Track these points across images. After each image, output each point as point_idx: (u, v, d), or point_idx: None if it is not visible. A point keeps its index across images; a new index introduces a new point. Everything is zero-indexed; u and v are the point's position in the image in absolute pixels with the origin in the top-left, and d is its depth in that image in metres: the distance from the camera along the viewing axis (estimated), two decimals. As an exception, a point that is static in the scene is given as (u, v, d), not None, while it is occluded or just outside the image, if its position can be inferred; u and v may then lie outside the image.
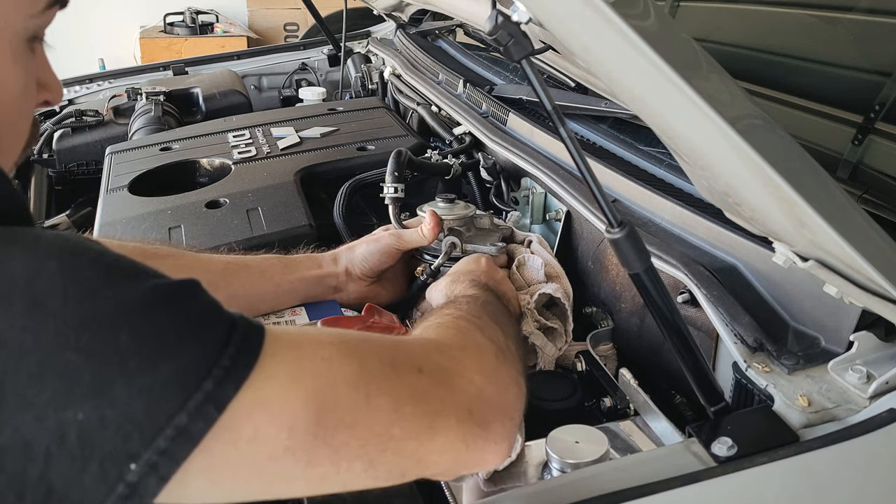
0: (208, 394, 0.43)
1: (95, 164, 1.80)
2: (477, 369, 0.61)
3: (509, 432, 0.60)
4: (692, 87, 0.52)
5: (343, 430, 0.49)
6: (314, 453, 0.48)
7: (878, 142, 1.11)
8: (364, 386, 0.51)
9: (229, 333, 0.46)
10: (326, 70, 2.39)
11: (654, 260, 0.69)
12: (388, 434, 0.51)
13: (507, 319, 0.76)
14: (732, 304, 0.80)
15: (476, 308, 0.75)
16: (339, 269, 1.02)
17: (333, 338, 0.53)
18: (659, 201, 1.01)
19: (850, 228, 0.61)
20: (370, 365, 0.53)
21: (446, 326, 0.68)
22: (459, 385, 0.58)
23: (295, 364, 0.49)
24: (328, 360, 0.50)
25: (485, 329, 0.69)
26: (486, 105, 1.52)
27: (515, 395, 0.64)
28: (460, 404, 0.57)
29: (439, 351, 0.61)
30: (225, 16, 4.74)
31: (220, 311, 0.48)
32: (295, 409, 0.47)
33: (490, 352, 0.66)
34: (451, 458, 0.56)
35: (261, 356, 0.47)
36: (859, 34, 1.27)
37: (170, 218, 1.25)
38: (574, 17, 0.56)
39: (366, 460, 0.51)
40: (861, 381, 0.72)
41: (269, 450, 0.46)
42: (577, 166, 0.66)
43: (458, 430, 0.56)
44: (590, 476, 0.66)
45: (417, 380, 0.55)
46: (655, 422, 0.81)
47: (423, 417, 0.53)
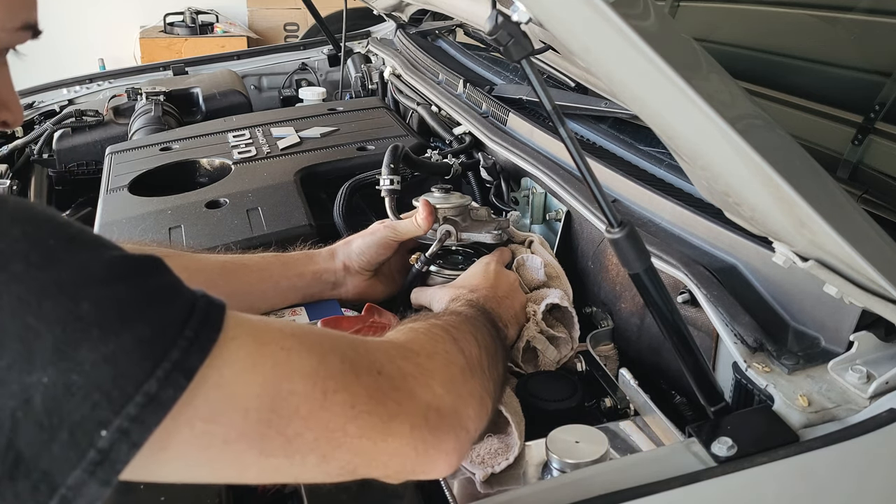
0: (175, 362, 0.44)
1: (95, 164, 1.80)
2: (439, 378, 0.61)
3: (462, 446, 0.61)
4: (692, 87, 0.52)
5: (298, 421, 0.49)
6: (268, 442, 0.48)
7: (878, 142, 1.11)
8: (322, 381, 0.51)
9: (190, 310, 0.46)
10: (326, 70, 2.40)
11: (654, 260, 0.69)
12: (343, 431, 0.51)
13: (490, 338, 0.75)
14: (732, 304, 0.80)
15: (458, 321, 0.74)
16: (337, 265, 1.02)
17: (296, 331, 0.54)
18: (659, 201, 1.01)
19: (850, 228, 0.61)
20: (330, 362, 0.53)
21: (419, 332, 0.68)
22: (418, 392, 0.58)
23: (255, 350, 0.49)
24: (288, 350, 0.51)
25: (459, 341, 0.69)
26: (486, 105, 1.52)
27: (476, 411, 0.64)
28: (416, 410, 0.57)
29: (403, 355, 0.61)
30: (225, 16, 4.74)
31: (180, 289, 0.47)
32: (250, 393, 0.47)
33: (457, 364, 0.66)
34: (400, 461, 0.56)
35: (221, 337, 0.47)
36: (859, 34, 1.27)
37: (170, 218, 1.25)
38: (574, 17, 0.56)
39: (319, 454, 0.51)
40: (861, 381, 0.72)
41: (224, 432, 0.46)
42: (577, 166, 0.66)
43: (410, 436, 0.56)
44: (590, 476, 0.66)
45: (375, 381, 0.55)
46: (655, 422, 0.81)
47: (378, 418, 0.54)
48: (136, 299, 0.44)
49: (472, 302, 0.86)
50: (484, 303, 0.87)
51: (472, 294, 0.90)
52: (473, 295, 0.90)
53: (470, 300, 0.87)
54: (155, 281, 0.47)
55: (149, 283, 0.46)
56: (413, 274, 1.05)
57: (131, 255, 0.47)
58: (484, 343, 0.73)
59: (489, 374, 0.70)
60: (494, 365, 0.73)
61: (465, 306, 0.84)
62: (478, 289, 0.92)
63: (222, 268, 0.94)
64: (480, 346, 0.71)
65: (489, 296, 0.91)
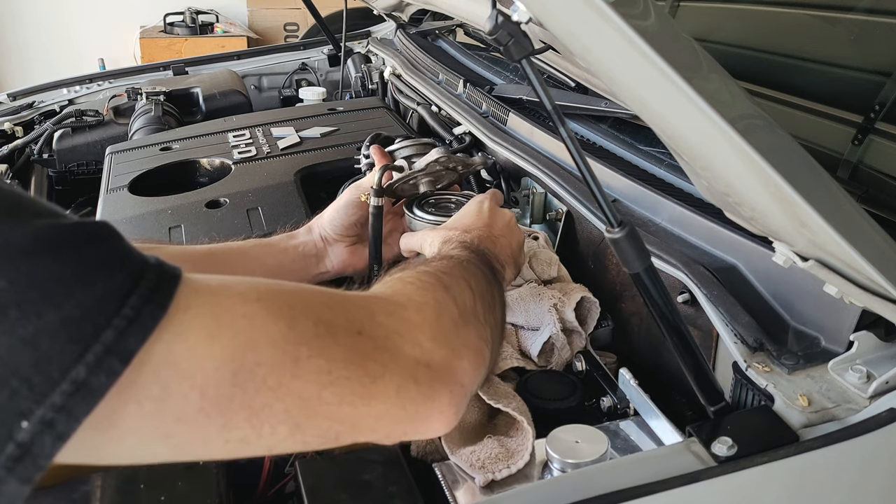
0: (108, 346, 0.40)
1: (95, 164, 1.80)
2: (428, 332, 0.57)
3: (458, 400, 0.57)
4: (692, 87, 0.52)
5: (265, 392, 0.46)
6: (231, 416, 0.45)
7: (878, 142, 1.11)
8: (292, 348, 0.47)
9: (133, 283, 0.42)
10: (326, 70, 2.40)
11: (654, 260, 0.69)
12: (319, 398, 0.48)
13: (486, 283, 0.70)
14: (732, 304, 0.80)
15: (449, 266, 0.69)
16: (315, 238, 1.00)
17: (263, 293, 0.49)
18: (659, 201, 1.01)
19: (850, 228, 0.61)
20: (301, 326, 0.48)
21: (406, 282, 0.63)
22: (404, 349, 0.54)
23: (212, 320, 0.45)
24: (251, 318, 0.46)
25: (451, 288, 0.64)
26: (486, 105, 1.52)
27: (471, 364, 0.60)
28: (403, 369, 0.53)
29: (387, 311, 0.57)
30: (225, 16, 4.74)
31: (126, 259, 0.43)
32: (208, 368, 0.44)
33: (449, 314, 0.61)
34: (389, 424, 0.53)
35: (171, 308, 0.43)
36: (859, 34, 1.27)
37: (170, 218, 1.26)
38: (574, 16, 0.56)
39: (291, 424, 0.47)
40: (861, 381, 0.72)
41: (179, 410, 0.43)
42: (577, 166, 0.66)
43: (397, 397, 0.52)
44: (590, 476, 0.66)
45: (355, 342, 0.51)
46: (655, 422, 0.81)
47: (358, 382, 0.50)
48: (65, 273, 0.40)
49: (465, 243, 0.81)
50: (479, 243, 0.82)
51: (466, 234, 0.84)
52: (467, 235, 0.84)
53: (463, 241, 0.82)
54: (92, 251, 0.42)
55: (83, 253, 0.41)
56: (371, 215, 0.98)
57: (68, 223, 0.42)
58: (479, 288, 0.68)
59: (485, 321, 0.66)
60: (491, 311, 0.69)
61: (459, 248, 0.79)
62: (471, 228, 0.87)
63: (208, 253, 0.92)
64: (475, 293, 0.67)
65: (484, 235, 0.86)
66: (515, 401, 0.83)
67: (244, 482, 0.79)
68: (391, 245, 1.03)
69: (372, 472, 0.72)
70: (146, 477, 0.70)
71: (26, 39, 4.69)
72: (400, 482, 0.71)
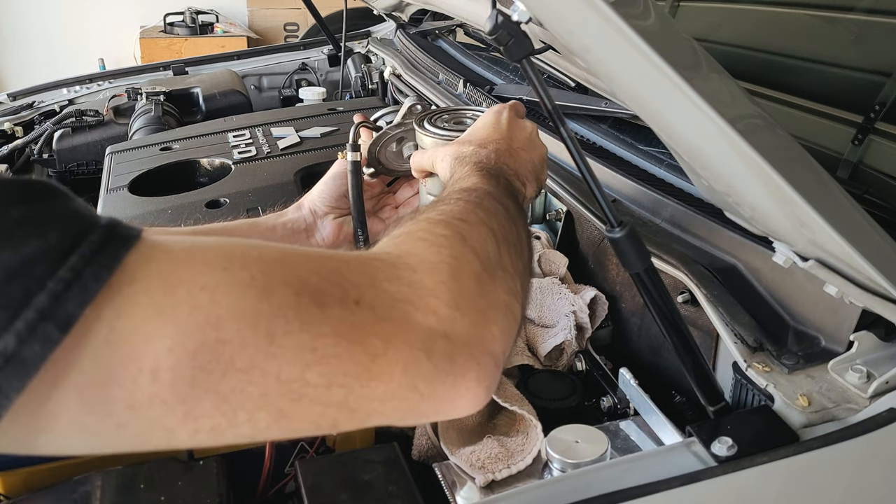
0: (42, 310, 0.35)
1: (95, 164, 1.80)
2: (445, 296, 0.49)
3: (489, 372, 0.49)
4: (692, 87, 0.52)
5: (234, 374, 0.40)
6: (194, 402, 0.39)
7: (878, 142, 1.11)
8: (265, 322, 0.41)
9: (75, 241, 0.37)
10: (326, 70, 2.39)
11: (654, 260, 0.69)
12: (303, 380, 0.42)
13: (509, 219, 0.62)
14: (732, 304, 0.80)
15: (465, 208, 0.60)
16: (304, 213, 0.98)
17: (231, 260, 0.42)
18: (659, 201, 1.01)
19: (850, 228, 0.61)
20: (279, 296, 0.42)
21: (416, 237, 0.54)
22: (414, 318, 0.47)
23: (163, 293, 0.39)
24: (212, 289, 0.40)
25: (469, 238, 0.55)
26: (486, 105, 1.52)
27: (501, 327, 0.52)
28: (412, 343, 0.46)
29: (392, 275, 0.49)
30: (225, 16, 4.74)
31: (65, 216, 0.38)
32: (159, 348, 0.38)
33: (470, 270, 0.52)
34: (400, 406, 0.46)
35: (115, 279, 0.38)
36: (859, 34, 1.27)
37: (170, 218, 1.26)
38: (574, 16, 0.56)
39: (273, 410, 0.41)
40: (861, 381, 0.72)
41: (128, 397, 0.38)
42: (577, 166, 0.66)
43: (404, 376, 0.45)
44: (590, 476, 0.66)
45: (350, 313, 0.44)
46: (655, 422, 0.81)
47: (351, 361, 0.43)
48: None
49: (481, 163, 0.72)
50: (496, 159, 0.73)
51: (482, 150, 0.75)
52: (483, 151, 0.75)
53: (478, 160, 0.73)
54: (22, 209, 0.37)
55: (11, 212, 0.36)
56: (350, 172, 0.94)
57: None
58: (502, 230, 0.59)
59: (513, 269, 0.57)
60: (518, 253, 0.60)
61: (473, 172, 0.70)
62: (487, 142, 0.77)
63: (192, 233, 0.87)
64: (498, 237, 0.58)
65: (502, 149, 0.76)
66: (527, 404, 0.83)
67: (244, 482, 0.79)
68: (382, 219, 1.01)
69: (372, 472, 0.72)
70: (146, 477, 0.70)
71: (26, 39, 4.69)
72: (400, 482, 0.71)
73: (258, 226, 0.94)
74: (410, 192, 1.03)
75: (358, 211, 0.94)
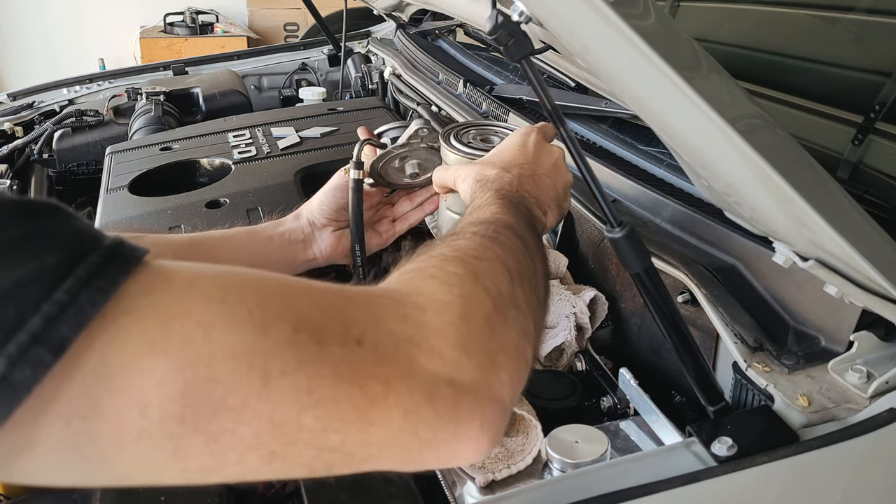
0: (35, 334, 0.34)
1: (95, 164, 1.80)
2: (453, 337, 0.47)
3: (494, 421, 0.47)
4: (692, 87, 0.52)
5: (225, 414, 0.38)
6: (182, 441, 0.38)
7: (878, 142, 1.11)
8: (260, 361, 0.39)
9: (73, 263, 0.36)
10: (326, 70, 2.39)
11: (654, 260, 0.69)
12: (297, 423, 0.40)
13: (525, 254, 0.59)
14: (732, 304, 0.80)
15: (480, 244, 0.58)
16: (303, 223, 0.97)
17: (231, 292, 0.41)
18: (659, 201, 1.01)
19: (850, 228, 0.61)
20: (276, 334, 0.40)
21: (426, 275, 0.52)
22: (418, 361, 0.45)
23: (157, 326, 0.38)
24: (208, 324, 0.39)
25: (482, 276, 0.53)
26: (486, 105, 1.52)
27: (510, 372, 0.50)
28: (414, 388, 0.44)
29: (399, 314, 0.47)
30: (225, 16, 4.74)
31: (66, 237, 0.37)
32: (148, 384, 0.37)
33: (481, 311, 0.50)
34: (399, 453, 0.44)
35: (111, 308, 0.36)
36: (859, 34, 1.27)
37: (170, 218, 1.26)
38: (574, 16, 0.56)
39: (264, 452, 0.40)
40: (861, 381, 0.72)
41: (115, 432, 0.37)
42: (577, 166, 0.66)
43: (404, 423, 0.43)
44: (590, 476, 0.66)
45: (351, 354, 0.42)
46: (655, 422, 0.81)
47: (350, 405, 0.41)
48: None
49: (502, 190, 0.70)
50: (518, 186, 0.72)
51: (505, 174, 0.73)
52: (506, 176, 0.73)
53: (500, 188, 0.71)
54: (19, 230, 0.36)
55: (10, 231, 0.36)
56: (352, 186, 0.94)
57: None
58: (518, 266, 0.57)
59: (527, 307, 0.55)
60: (533, 289, 0.57)
61: (493, 200, 0.68)
62: (511, 166, 0.75)
63: (191, 242, 0.88)
64: (513, 275, 0.56)
65: (526, 174, 0.74)
66: (527, 405, 0.83)
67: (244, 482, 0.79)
68: (380, 232, 1.01)
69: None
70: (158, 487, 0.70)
71: (26, 39, 4.69)
72: (400, 482, 0.71)
73: (256, 235, 0.93)
74: (409, 206, 1.03)
75: (357, 227, 0.95)
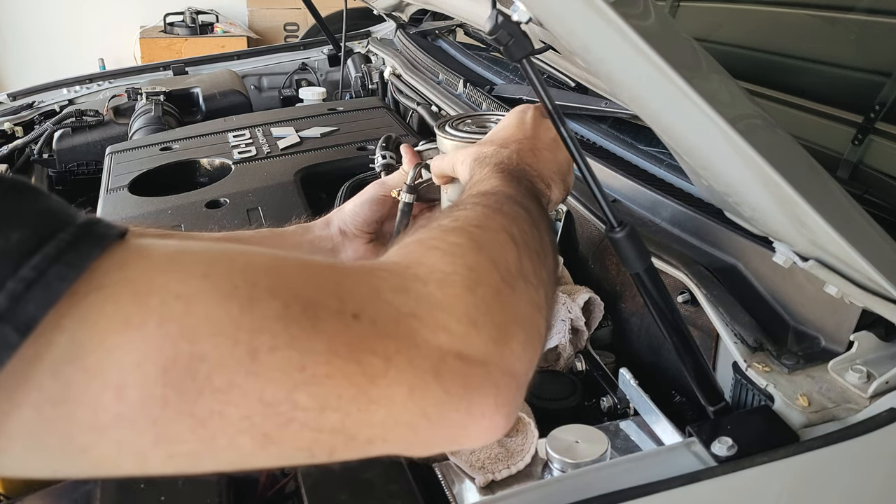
0: (0, 313, 0.32)
1: (95, 164, 1.80)
2: (459, 310, 0.44)
3: (509, 396, 0.44)
4: (692, 87, 0.52)
5: (212, 395, 0.36)
6: (166, 425, 0.35)
7: (878, 142, 1.11)
8: (247, 336, 0.36)
9: (41, 240, 0.34)
10: (326, 70, 2.40)
11: (654, 260, 0.69)
12: (291, 402, 0.37)
13: (531, 224, 0.56)
14: (732, 304, 0.80)
15: (483, 213, 0.55)
16: (332, 231, 0.95)
17: (216, 265, 0.38)
18: (659, 201, 1.01)
19: (850, 228, 0.61)
20: (264, 308, 0.37)
21: (427, 246, 0.49)
22: (421, 335, 0.42)
23: (133, 302, 0.35)
24: (189, 298, 0.36)
25: (487, 246, 0.50)
26: (486, 105, 1.52)
27: (523, 343, 0.47)
28: (419, 363, 0.41)
29: (399, 286, 0.44)
30: (225, 16, 4.75)
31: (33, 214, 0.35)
32: (124, 364, 0.34)
33: (487, 281, 0.47)
34: (406, 434, 0.41)
35: (82, 284, 0.34)
36: (859, 34, 1.27)
37: (170, 218, 1.26)
38: (574, 16, 0.56)
39: (257, 435, 0.37)
40: (861, 381, 0.72)
41: (90, 417, 0.34)
42: (578, 166, 0.66)
43: (411, 400, 0.40)
44: (590, 476, 0.66)
45: (347, 328, 0.39)
46: (655, 422, 0.81)
47: (348, 381, 0.38)
48: None
49: (501, 164, 0.68)
50: (518, 159, 0.69)
51: (503, 150, 0.71)
52: (504, 151, 0.70)
53: (499, 161, 0.68)
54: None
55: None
56: (401, 209, 0.93)
57: None
58: (523, 236, 0.54)
59: (536, 279, 0.52)
60: (542, 262, 0.54)
61: (493, 174, 0.65)
62: (509, 142, 0.73)
63: (216, 241, 0.87)
64: (519, 245, 0.52)
65: (525, 149, 0.71)
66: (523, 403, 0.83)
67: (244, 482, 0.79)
68: None
69: (372, 471, 0.72)
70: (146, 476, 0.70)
71: (26, 39, 4.69)
72: (400, 482, 0.71)
73: (284, 240, 0.91)
74: None
75: None
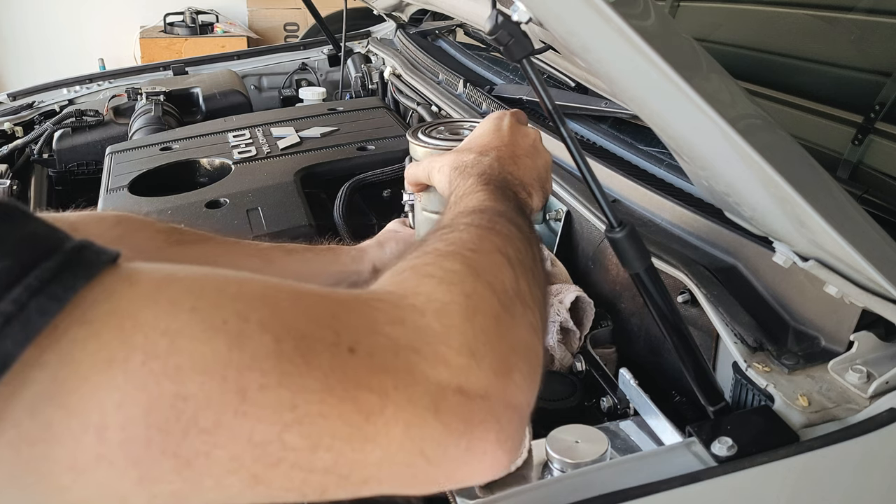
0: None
1: (95, 164, 1.80)
2: (458, 341, 0.42)
3: (511, 431, 0.42)
4: (692, 87, 0.52)
5: (198, 435, 0.34)
6: (150, 466, 0.34)
7: (878, 142, 1.11)
8: (235, 374, 0.35)
9: (24, 271, 0.32)
10: (326, 70, 2.39)
11: (654, 260, 0.69)
12: (281, 443, 0.36)
13: (522, 240, 0.54)
14: (732, 304, 0.80)
15: (479, 234, 0.53)
16: (364, 267, 0.91)
17: (202, 298, 0.36)
18: (659, 201, 1.01)
19: (850, 228, 0.61)
20: (254, 343, 0.36)
21: (423, 274, 0.47)
22: (420, 369, 0.40)
23: (117, 338, 0.33)
24: (174, 334, 0.34)
25: (483, 271, 0.48)
26: (486, 105, 1.52)
27: (524, 373, 0.45)
28: (415, 399, 0.39)
29: (395, 317, 0.42)
30: (225, 16, 4.75)
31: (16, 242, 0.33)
32: (106, 404, 0.33)
33: (486, 310, 0.45)
34: (403, 473, 0.39)
35: (64, 315, 0.33)
36: (859, 34, 1.27)
37: (170, 218, 1.25)
38: (574, 16, 0.56)
39: (245, 476, 0.36)
40: (861, 381, 0.72)
41: (69, 457, 0.33)
42: (578, 166, 0.66)
43: (408, 439, 0.38)
44: (590, 476, 0.66)
45: (342, 363, 0.38)
46: (655, 422, 0.81)
47: (341, 420, 0.37)
48: None
49: (484, 174, 0.66)
50: (500, 168, 0.67)
51: (483, 158, 0.69)
52: (484, 160, 0.69)
53: (481, 172, 0.66)
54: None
55: None
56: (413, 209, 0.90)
57: None
58: (518, 255, 0.52)
59: (532, 299, 0.50)
60: (536, 280, 0.52)
61: (477, 187, 0.63)
62: (488, 149, 0.71)
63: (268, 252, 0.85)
64: (515, 266, 0.50)
65: (504, 156, 0.70)
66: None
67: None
68: None
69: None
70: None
71: (26, 39, 4.69)
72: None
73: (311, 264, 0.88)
74: None
75: None
